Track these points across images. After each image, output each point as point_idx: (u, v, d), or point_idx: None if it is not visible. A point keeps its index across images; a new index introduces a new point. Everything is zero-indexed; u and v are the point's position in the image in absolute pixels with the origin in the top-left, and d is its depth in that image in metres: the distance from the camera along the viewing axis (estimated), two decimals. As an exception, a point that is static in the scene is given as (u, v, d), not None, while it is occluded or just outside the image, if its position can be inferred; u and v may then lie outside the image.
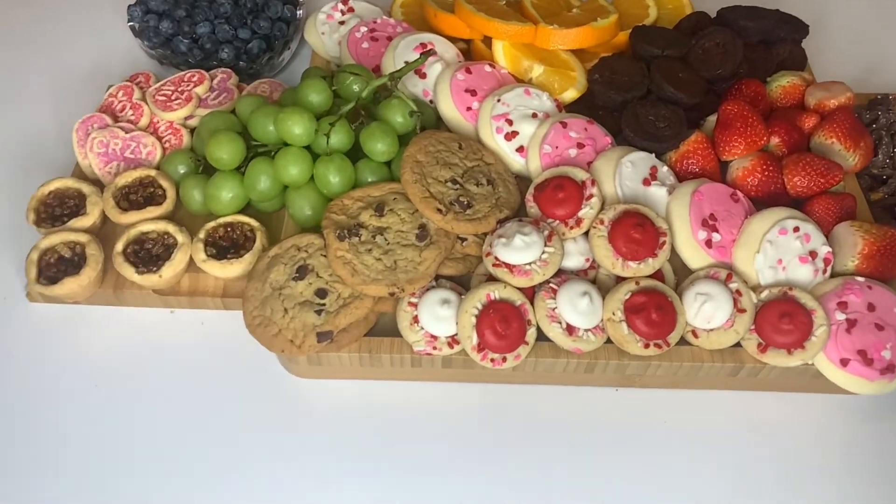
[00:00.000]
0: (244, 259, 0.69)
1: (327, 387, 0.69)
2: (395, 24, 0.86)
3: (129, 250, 0.70)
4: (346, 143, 0.71)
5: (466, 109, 0.77)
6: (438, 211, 0.66)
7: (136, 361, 0.70)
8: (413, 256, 0.65)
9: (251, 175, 0.70)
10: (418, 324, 0.64)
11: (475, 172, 0.70)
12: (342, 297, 0.64)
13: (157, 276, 0.68)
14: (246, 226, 0.72)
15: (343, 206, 0.68)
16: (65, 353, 0.70)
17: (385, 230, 0.66)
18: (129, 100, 0.81)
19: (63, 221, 0.72)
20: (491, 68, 0.80)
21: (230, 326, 0.72)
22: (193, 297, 0.72)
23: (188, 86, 0.81)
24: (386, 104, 0.72)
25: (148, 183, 0.74)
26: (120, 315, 0.73)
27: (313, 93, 0.71)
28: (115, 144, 0.77)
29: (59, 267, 0.69)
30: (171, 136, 0.79)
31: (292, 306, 0.63)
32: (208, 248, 0.70)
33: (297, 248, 0.67)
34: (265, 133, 0.71)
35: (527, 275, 0.64)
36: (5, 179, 0.82)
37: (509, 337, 0.62)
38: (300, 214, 0.71)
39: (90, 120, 0.79)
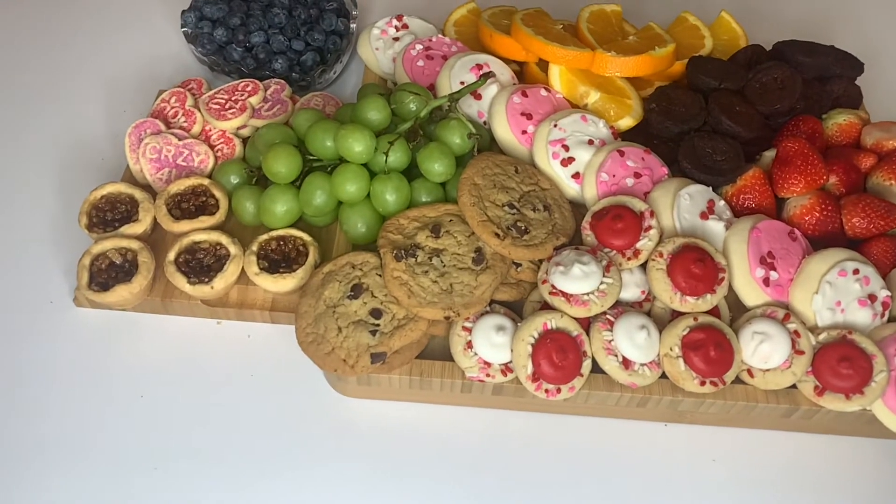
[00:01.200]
0: (297, 274, 0.68)
1: (373, 407, 0.69)
2: (451, 42, 0.86)
3: (180, 259, 0.69)
4: (403, 162, 0.70)
5: (521, 133, 0.76)
6: (496, 235, 0.65)
7: (181, 372, 0.69)
8: (469, 280, 0.64)
9: (307, 190, 0.70)
10: (472, 349, 0.63)
11: (531, 197, 0.70)
12: (397, 318, 0.63)
13: (208, 287, 0.67)
14: (298, 240, 0.71)
15: (399, 226, 0.67)
16: (109, 360, 0.70)
17: (441, 252, 0.65)
18: (182, 106, 0.81)
19: (114, 227, 0.71)
20: (546, 92, 0.79)
21: (277, 340, 0.71)
22: (242, 310, 0.71)
23: (242, 95, 0.81)
24: (444, 125, 0.72)
25: (201, 192, 0.73)
26: (166, 324, 0.72)
27: (373, 110, 0.71)
28: (168, 151, 0.77)
29: (110, 273, 0.68)
30: (224, 146, 0.79)
31: (346, 325, 0.63)
32: (260, 261, 0.69)
33: (352, 266, 0.66)
34: (323, 148, 0.70)
35: (584, 305, 0.63)
36: (55, 181, 0.82)
37: (565, 368, 0.61)
38: (354, 231, 0.70)
39: (143, 125, 0.78)
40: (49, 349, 0.70)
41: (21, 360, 0.69)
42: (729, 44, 0.91)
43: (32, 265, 0.75)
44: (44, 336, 0.71)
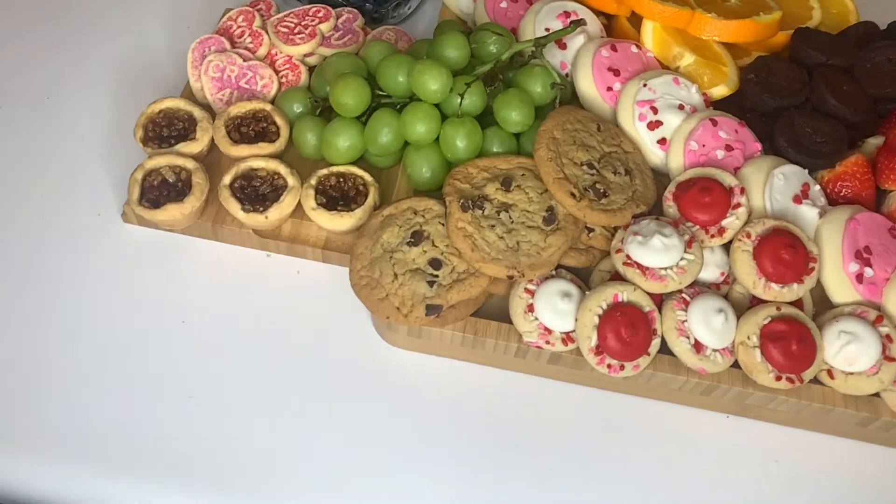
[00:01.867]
0: (355, 213, 0.65)
1: (420, 360, 0.65)
2: (538, -14, 0.80)
3: (235, 185, 0.66)
4: (478, 106, 0.65)
5: (607, 89, 0.71)
6: (572, 195, 0.60)
7: (225, 301, 0.67)
8: (537, 240, 0.60)
9: (374, 126, 0.66)
10: (533, 313, 0.59)
11: (612, 159, 0.65)
12: (456, 270, 0.59)
13: (262, 216, 0.64)
14: (359, 179, 0.67)
15: (468, 175, 0.63)
16: (152, 281, 0.67)
17: (510, 207, 0.61)
18: (249, 26, 0.77)
19: (170, 143, 0.68)
20: (637, 49, 0.74)
21: (326, 280, 0.68)
22: (293, 245, 0.68)
23: (312, 21, 0.77)
24: (527, 71, 0.67)
25: (262, 117, 0.70)
26: (213, 250, 0.69)
27: (452, 48, 0.66)
28: (231, 71, 0.73)
29: (162, 191, 0.65)
30: (289, 72, 0.75)
31: (403, 272, 0.59)
32: (318, 196, 0.66)
33: (414, 212, 0.62)
34: (394, 84, 0.66)
35: (661, 280, 0.58)
36: (113, 94, 0.79)
37: (633, 344, 0.57)
38: (418, 175, 0.66)
39: (208, 41, 0.75)
40: (92, 263, 0.68)
41: (63, 271, 0.67)
42: (838, 18, 0.84)
43: (83, 176, 0.72)
44: (88, 249, 0.68)
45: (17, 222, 0.70)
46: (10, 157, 0.73)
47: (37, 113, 0.77)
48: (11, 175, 0.72)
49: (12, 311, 0.65)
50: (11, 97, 0.77)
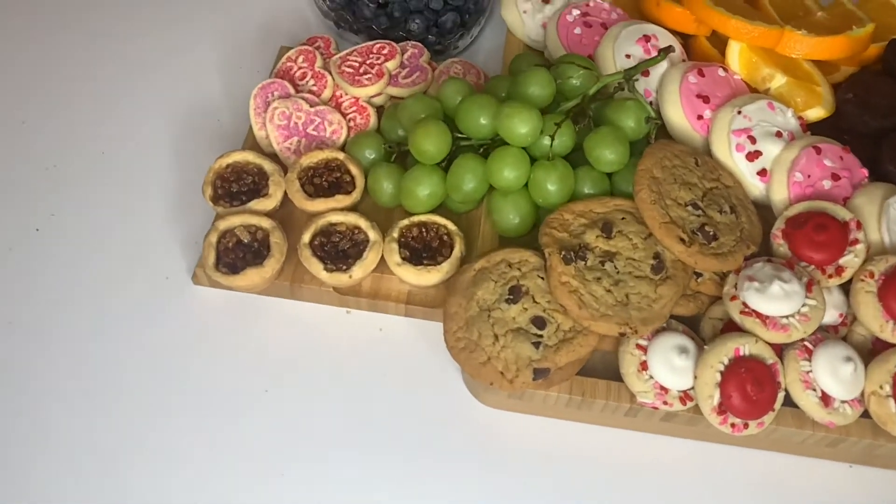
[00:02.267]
0: (442, 267, 0.61)
1: (516, 420, 0.61)
2: (610, 8, 0.76)
3: (315, 243, 0.62)
4: (568, 146, 0.62)
5: (697, 118, 0.67)
6: (681, 241, 0.56)
7: (307, 362, 0.63)
8: (647, 291, 0.56)
9: (457, 173, 0.62)
10: (647, 371, 0.55)
11: (715, 196, 0.61)
12: (562, 329, 0.56)
13: (346, 275, 0.61)
14: (442, 228, 0.64)
15: (564, 222, 0.59)
16: (229, 347, 0.63)
17: (614, 256, 0.57)
18: (311, 67, 0.73)
19: (241, 200, 0.65)
20: (724, 72, 0.69)
21: (411, 336, 0.65)
22: (375, 301, 0.64)
23: (378, 59, 0.73)
24: (619, 106, 0.63)
25: (335, 166, 0.66)
26: (290, 309, 0.66)
27: (536, 85, 0.62)
28: (298, 118, 0.69)
29: (238, 253, 0.62)
30: (357, 115, 0.71)
31: (504, 333, 0.55)
32: (402, 249, 0.62)
33: (509, 265, 0.58)
34: (476, 126, 0.62)
35: (784, 330, 0.54)
36: (168, 144, 0.75)
37: (759, 402, 0.53)
38: (505, 222, 0.62)
39: (270, 87, 0.71)
40: (163, 329, 0.64)
41: (131, 341, 0.63)
42: (929, 25, 0.79)
43: (147, 236, 0.69)
44: (158, 316, 0.65)
45: (79, 291, 0.66)
46: (65, 219, 0.70)
47: (92, 170, 0.73)
48: (68, 239, 0.69)
49: (80, 388, 0.61)
50: (65, 154, 0.74)
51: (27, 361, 0.62)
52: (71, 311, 0.65)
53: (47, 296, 0.66)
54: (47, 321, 0.64)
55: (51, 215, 0.70)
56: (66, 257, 0.68)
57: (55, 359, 0.62)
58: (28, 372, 0.62)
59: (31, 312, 0.65)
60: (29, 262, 0.67)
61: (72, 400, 0.61)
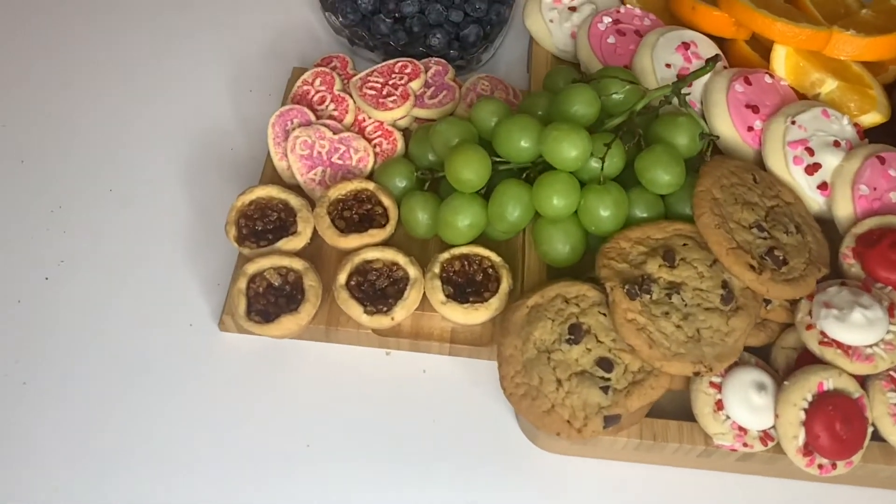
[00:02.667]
0: (490, 305, 0.57)
1: (575, 463, 0.57)
2: (642, 14, 0.72)
3: (351, 283, 0.58)
4: (619, 168, 0.58)
5: (747, 130, 0.63)
6: (751, 268, 0.52)
7: (348, 410, 0.59)
8: (719, 324, 0.52)
9: (500, 201, 0.58)
10: (723, 411, 0.51)
11: (778, 215, 0.57)
12: (630, 370, 0.52)
13: (388, 318, 0.56)
14: (486, 260, 0.59)
15: (622, 251, 0.55)
16: (263, 399, 0.59)
17: (680, 287, 0.53)
18: (329, 90, 0.69)
19: (267, 239, 0.60)
20: (771, 79, 0.66)
21: (457, 376, 0.60)
22: (417, 341, 0.60)
23: (401, 79, 0.68)
24: (671, 122, 0.59)
25: (365, 198, 0.62)
26: (325, 353, 0.61)
27: (581, 104, 0.58)
28: (321, 146, 0.65)
29: (269, 298, 0.57)
30: (383, 140, 0.67)
31: (567, 377, 0.51)
32: (445, 286, 0.58)
33: (565, 300, 0.54)
34: (516, 150, 0.58)
35: (869, 360, 0.50)
36: (180, 176, 0.70)
37: (848, 440, 0.49)
38: (554, 252, 0.58)
39: (289, 114, 0.66)
40: (190, 382, 0.59)
41: (157, 396, 0.59)
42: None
43: (165, 280, 0.64)
44: (184, 366, 0.60)
45: (96, 344, 0.61)
46: (76, 266, 0.65)
47: (101, 209, 0.68)
48: (80, 287, 0.64)
49: (100, 451, 0.57)
50: (70, 195, 0.69)
51: (42, 422, 0.57)
52: (88, 366, 0.60)
53: (61, 350, 0.61)
54: (62, 378, 0.59)
55: (60, 262, 0.65)
56: (80, 307, 0.63)
57: (72, 420, 0.58)
58: (43, 434, 0.57)
59: (45, 370, 0.60)
60: (40, 313, 0.62)
61: (90, 463, 0.56)
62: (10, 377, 0.59)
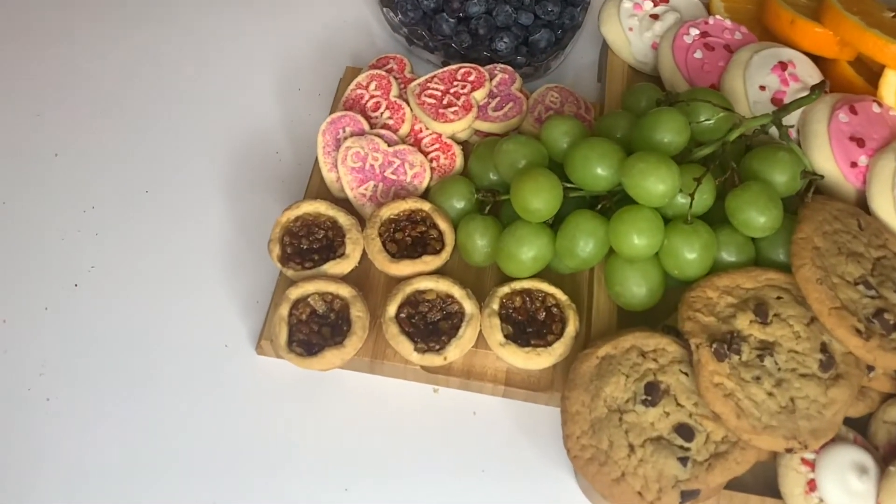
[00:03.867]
0: (554, 350, 0.51)
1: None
2: (732, 27, 0.65)
3: (401, 315, 0.53)
4: (708, 205, 0.52)
5: (850, 166, 0.56)
6: (857, 332, 0.46)
7: (390, 451, 0.54)
8: (816, 394, 0.46)
9: (571, 235, 0.52)
10: (815, 493, 0.45)
11: (886, 269, 0.50)
12: (712, 440, 0.46)
13: (440, 357, 0.51)
14: (549, 298, 0.54)
15: (708, 302, 0.49)
16: (300, 433, 0.54)
17: (773, 347, 0.47)
18: (385, 96, 0.63)
19: (312, 260, 0.55)
20: (879, 108, 0.59)
21: (510, 420, 0.55)
22: (468, 380, 0.55)
23: (463, 87, 0.63)
24: (769, 156, 0.52)
25: (419, 219, 0.57)
26: (368, 384, 0.56)
27: (669, 132, 0.51)
28: (375, 159, 0.59)
29: (312, 326, 0.52)
30: (440, 154, 0.61)
31: (641, 443, 0.46)
32: (504, 324, 0.53)
33: (641, 353, 0.49)
34: (592, 178, 0.52)
35: None
36: (219, 178, 0.65)
37: (963, 540, 0.43)
38: (628, 294, 0.52)
39: (341, 121, 0.61)
40: (222, 408, 0.55)
41: (186, 422, 0.54)
42: None
43: (200, 295, 0.60)
44: (216, 390, 0.56)
45: (125, 361, 0.57)
46: (107, 273, 0.60)
47: (135, 212, 0.64)
48: (111, 296, 0.59)
49: (125, 476, 0.53)
50: (104, 195, 0.64)
51: (65, 443, 0.54)
52: (114, 383, 0.56)
53: (88, 365, 0.56)
54: (88, 395, 0.55)
55: (91, 267, 0.61)
56: (109, 318, 0.58)
57: (98, 441, 0.53)
58: (66, 455, 0.53)
59: (71, 385, 0.56)
60: (67, 323, 0.58)
61: (113, 487, 0.52)
62: (33, 392, 0.55)
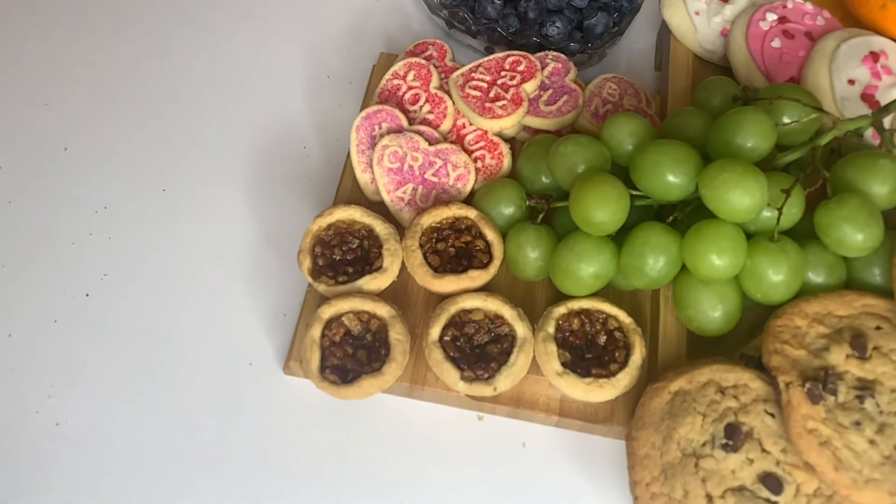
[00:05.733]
0: (619, 380, 0.46)
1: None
2: (814, 11, 0.58)
3: (445, 338, 0.48)
4: (796, 220, 0.45)
5: (954, 173, 0.50)
6: (974, 373, 0.41)
7: (430, 483, 0.49)
8: (925, 442, 0.41)
9: (639, 251, 0.46)
10: (922, 555, 0.40)
11: None
12: (803, 492, 0.40)
13: (490, 387, 0.46)
14: (612, 320, 0.48)
15: (797, 332, 0.43)
16: (332, 462, 0.49)
17: (874, 387, 0.41)
18: (425, 87, 0.57)
19: (346, 273, 0.49)
20: None
21: (563, 453, 0.50)
22: (518, 409, 0.50)
23: (511, 78, 0.56)
24: (868, 164, 0.45)
25: (464, 228, 0.51)
26: (406, 409, 0.51)
27: (754, 136, 0.45)
28: (414, 160, 0.54)
29: (346, 349, 0.47)
30: (486, 153, 0.56)
31: (721, 494, 0.40)
32: (561, 350, 0.47)
33: (720, 390, 0.43)
34: (664, 186, 0.46)
35: None
36: (241, 173, 0.60)
37: None
38: (701, 318, 0.46)
39: (377, 116, 0.55)
40: (247, 435, 0.50)
41: (208, 448, 0.50)
42: None
43: (221, 308, 0.54)
44: (240, 415, 0.51)
45: (138, 379, 0.52)
46: (120, 281, 0.55)
47: (151, 212, 0.58)
48: (124, 307, 0.54)
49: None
50: (117, 193, 0.59)
51: (76, 471, 0.49)
52: (128, 405, 0.51)
53: (101, 383, 0.52)
54: (101, 419, 0.50)
55: (103, 275, 0.56)
56: (123, 332, 0.53)
57: (111, 472, 0.49)
58: (79, 486, 0.48)
59: (81, 407, 0.51)
60: (78, 337, 0.53)
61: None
62: (41, 415, 0.50)
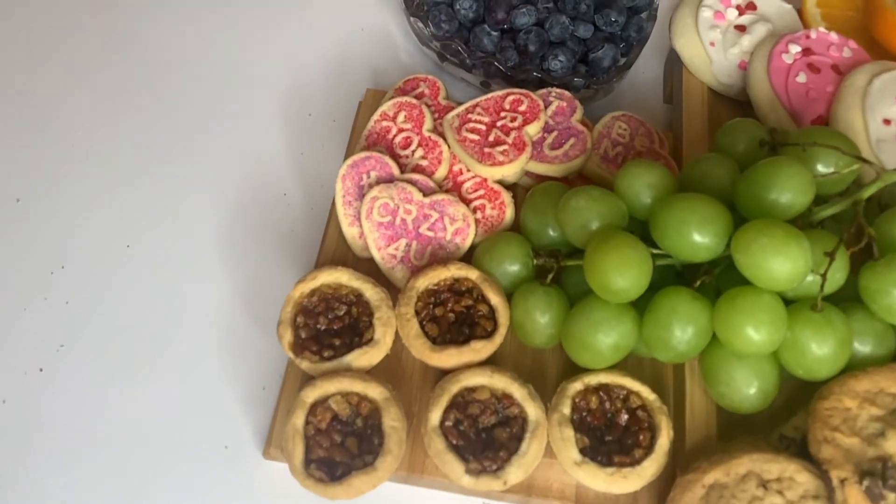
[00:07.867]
0: (644, 469, 0.40)
1: None
2: (839, 41, 0.53)
3: (447, 423, 0.42)
4: (839, 284, 0.41)
5: None
6: None
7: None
8: None
9: (665, 322, 0.40)
10: None
11: None
12: None
13: (499, 481, 0.40)
14: (634, 397, 0.43)
15: (847, 415, 0.38)
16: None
17: (939, 481, 0.37)
18: (417, 130, 0.52)
19: (332, 346, 0.43)
20: None
21: (581, 548, 0.45)
22: (529, 498, 0.44)
23: (512, 119, 0.51)
24: (918, 222, 0.41)
25: (465, 290, 0.46)
26: (400, 496, 0.46)
27: (792, 191, 0.40)
28: (407, 213, 0.48)
29: (333, 437, 0.41)
30: (486, 202, 0.50)
31: None
32: (579, 434, 0.42)
33: (762, 484, 0.38)
34: (690, 246, 0.41)
35: None
36: (214, 228, 0.54)
37: None
38: (735, 394, 0.41)
39: (365, 164, 0.50)
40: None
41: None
42: None
43: (193, 384, 0.48)
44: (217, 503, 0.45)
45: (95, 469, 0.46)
46: (76, 354, 0.49)
47: (115, 271, 0.52)
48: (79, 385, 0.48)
49: None
50: (76, 251, 0.53)
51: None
52: (89, 495, 0.44)
53: (52, 472, 0.45)
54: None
55: (59, 346, 0.49)
56: (81, 411, 0.47)
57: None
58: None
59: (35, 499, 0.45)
60: (29, 418, 0.47)
61: None
62: (-13, 515, 0.45)
